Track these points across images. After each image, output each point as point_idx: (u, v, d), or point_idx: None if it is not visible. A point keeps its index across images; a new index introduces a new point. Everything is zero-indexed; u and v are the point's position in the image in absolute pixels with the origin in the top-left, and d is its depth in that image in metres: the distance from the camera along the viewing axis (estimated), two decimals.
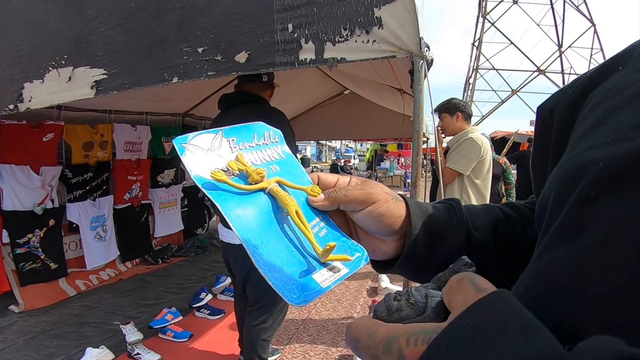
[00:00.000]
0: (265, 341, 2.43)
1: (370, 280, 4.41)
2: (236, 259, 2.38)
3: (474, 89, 24.83)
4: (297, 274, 0.40)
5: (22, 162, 3.62)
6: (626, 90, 0.35)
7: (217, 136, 0.46)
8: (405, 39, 1.42)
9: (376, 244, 0.52)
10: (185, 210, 5.93)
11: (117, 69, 1.71)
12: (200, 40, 1.59)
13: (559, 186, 0.36)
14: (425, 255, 0.52)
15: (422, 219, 0.51)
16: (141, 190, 4.98)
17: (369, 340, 0.30)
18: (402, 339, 0.28)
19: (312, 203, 0.47)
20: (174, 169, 5.48)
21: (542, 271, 0.34)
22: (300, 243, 0.43)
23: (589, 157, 0.33)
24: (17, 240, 3.65)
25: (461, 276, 0.30)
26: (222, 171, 0.43)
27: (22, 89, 1.90)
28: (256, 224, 0.42)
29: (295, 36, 1.50)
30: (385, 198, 0.49)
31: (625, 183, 0.29)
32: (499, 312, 0.24)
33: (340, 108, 6.43)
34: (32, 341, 3.07)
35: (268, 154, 0.50)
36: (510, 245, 0.54)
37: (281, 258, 0.41)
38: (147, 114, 4.96)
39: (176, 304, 3.57)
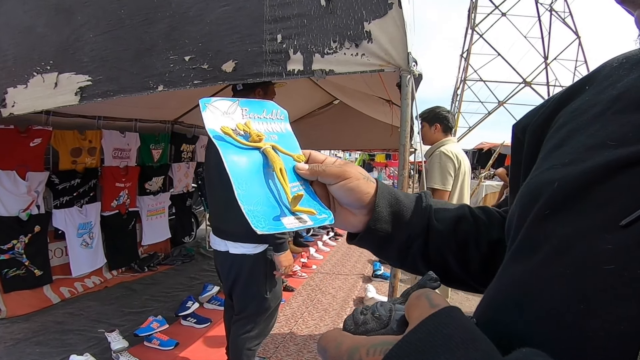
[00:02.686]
0: (250, 350, 2.41)
1: (357, 291, 4.41)
2: (222, 267, 2.37)
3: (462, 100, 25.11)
4: (269, 213, 0.49)
5: (9, 167, 3.56)
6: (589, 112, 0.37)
7: (234, 104, 0.56)
8: (393, 53, 1.43)
9: (348, 216, 0.59)
10: (173, 219, 5.89)
11: (102, 76, 1.70)
12: (187, 49, 1.59)
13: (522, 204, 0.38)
14: (386, 232, 0.58)
15: (389, 200, 0.58)
16: (129, 197, 4.93)
17: (336, 351, 0.33)
18: (362, 350, 0.31)
19: (297, 169, 0.56)
20: (162, 176, 5.43)
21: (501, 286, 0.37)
22: (278, 194, 0.51)
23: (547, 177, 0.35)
24: (1, 246, 3.58)
25: (419, 292, 0.33)
26: (230, 129, 0.53)
27: (5, 94, 1.87)
28: (245, 171, 0.51)
29: (283, 47, 1.51)
30: (357, 176, 0.56)
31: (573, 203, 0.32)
32: (446, 327, 0.27)
33: (329, 118, 6.46)
34: (13, 348, 3.01)
35: (272, 127, 0.59)
36: (469, 241, 0.59)
37: (258, 199, 0.49)
38: (137, 120, 4.93)
39: (162, 312, 3.53)
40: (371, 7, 1.48)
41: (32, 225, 3.81)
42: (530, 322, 0.31)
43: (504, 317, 0.33)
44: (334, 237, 7.06)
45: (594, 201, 0.31)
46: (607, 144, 0.32)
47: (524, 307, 0.32)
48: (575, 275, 0.29)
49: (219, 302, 3.83)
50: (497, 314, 0.35)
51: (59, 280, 4.11)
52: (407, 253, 0.60)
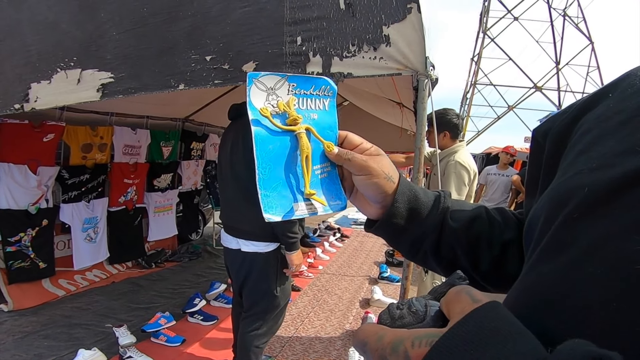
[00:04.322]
0: (258, 348, 2.42)
1: (363, 292, 4.42)
2: (233, 264, 2.38)
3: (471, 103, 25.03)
4: (282, 199, 0.52)
5: (21, 161, 3.60)
6: (613, 118, 0.38)
7: (283, 80, 0.56)
8: (411, 57, 1.44)
9: (365, 204, 0.62)
10: (180, 216, 5.91)
11: (124, 73, 1.73)
12: (209, 49, 1.61)
13: (549, 208, 0.39)
14: (401, 226, 0.60)
15: (408, 197, 0.60)
16: (137, 193, 4.96)
17: (377, 343, 0.34)
18: (407, 342, 0.31)
19: (327, 154, 0.58)
20: (171, 173, 5.46)
21: (528, 285, 0.37)
22: (297, 179, 0.55)
23: (576, 182, 0.36)
24: (8, 238, 3.62)
25: (459, 289, 0.34)
26: (270, 107, 0.54)
27: (29, 89, 1.90)
28: (273, 155, 0.54)
29: (303, 49, 1.53)
30: (379, 175, 0.58)
31: (604, 207, 0.33)
32: (492, 320, 0.28)
33: (339, 120, 6.47)
34: (21, 341, 3.03)
35: (316, 103, 0.60)
36: (482, 241, 0.60)
37: (276, 184, 0.53)
38: (148, 117, 4.96)
39: (169, 308, 3.55)
40: (390, 11, 1.49)
41: (40, 218, 3.85)
42: (560, 321, 0.32)
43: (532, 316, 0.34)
44: (341, 239, 7.07)
45: (625, 205, 0.31)
46: (636, 150, 0.33)
47: (553, 306, 0.33)
48: (606, 275, 0.30)
49: (226, 300, 3.84)
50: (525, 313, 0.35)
51: (59, 273, 4.15)
52: (419, 247, 0.63)
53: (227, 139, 2.32)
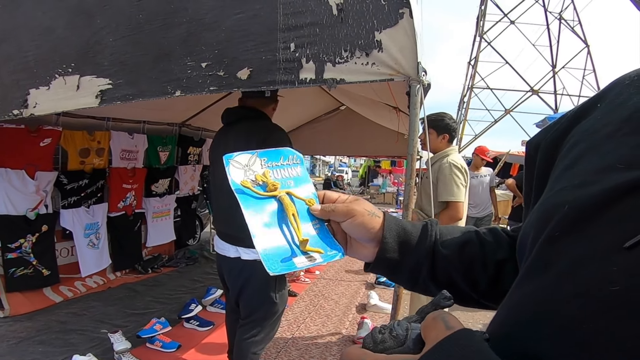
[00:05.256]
0: (255, 354, 2.42)
1: (359, 298, 4.42)
2: (231, 272, 2.36)
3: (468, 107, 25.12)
4: (282, 254, 0.56)
5: (18, 166, 3.61)
6: (601, 131, 0.39)
7: (254, 156, 0.64)
8: (403, 63, 1.46)
9: (361, 248, 0.65)
10: (178, 221, 5.92)
11: (122, 80, 1.74)
12: (204, 55, 1.63)
13: (536, 224, 0.40)
14: (395, 259, 0.63)
15: (396, 232, 0.63)
16: (135, 199, 4.97)
17: None
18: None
19: (312, 211, 0.63)
20: (168, 178, 5.47)
21: (514, 304, 0.39)
22: (291, 236, 0.58)
23: (559, 198, 0.37)
24: (8, 245, 3.61)
25: (436, 314, 0.36)
26: (250, 181, 0.61)
27: (28, 95, 1.91)
28: (262, 218, 0.58)
29: (296, 55, 1.54)
30: (362, 213, 0.62)
31: (583, 225, 0.34)
32: (462, 348, 0.30)
33: (335, 124, 6.50)
34: (16, 347, 3.02)
35: (288, 172, 0.66)
36: (476, 263, 0.62)
37: (273, 242, 0.56)
38: (145, 122, 4.98)
39: (165, 314, 3.55)
40: (382, 17, 1.51)
41: (40, 224, 3.85)
42: (542, 339, 0.33)
43: (516, 334, 0.35)
44: None
45: (603, 223, 0.32)
46: (616, 166, 0.34)
47: (536, 324, 0.34)
48: (585, 295, 0.31)
49: (222, 306, 3.84)
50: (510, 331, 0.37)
51: (62, 280, 4.14)
52: (417, 277, 0.64)
53: (224, 144, 2.30)
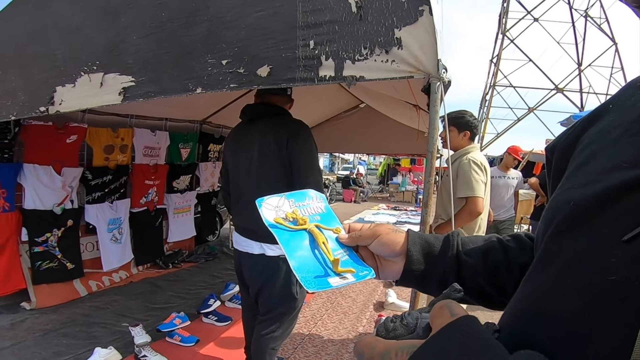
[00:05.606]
0: (273, 350, 2.44)
1: (377, 295, 4.41)
2: (254, 269, 2.36)
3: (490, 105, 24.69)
4: (316, 272, 0.62)
5: (46, 162, 3.71)
6: (612, 133, 0.40)
7: (282, 198, 0.72)
8: (423, 60, 1.45)
9: (391, 266, 0.68)
10: (198, 217, 6.00)
11: (144, 77, 1.78)
12: (225, 53, 1.65)
13: (545, 221, 0.42)
14: (422, 271, 0.67)
15: (420, 245, 0.68)
16: (157, 195, 5.07)
17: (370, 353, 0.40)
18: (392, 352, 0.37)
19: (340, 239, 0.69)
20: (189, 175, 5.56)
21: (522, 296, 0.41)
22: (324, 261, 0.64)
23: (567, 196, 0.39)
24: (35, 238, 3.72)
25: (442, 303, 0.38)
26: (282, 218, 0.68)
27: (54, 92, 1.97)
28: (296, 248, 0.65)
29: (316, 53, 1.54)
30: (387, 232, 0.68)
31: (586, 221, 0.35)
32: (463, 334, 0.33)
33: (355, 121, 6.48)
34: (41, 339, 3.11)
35: (314, 209, 0.74)
36: (500, 268, 0.65)
37: (309, 267, 0.62)
38: (167, 120, 5.07)
39: (184, 309, 3.59)
40: (402, 14, 1.50)
41: (66, 219, 3.96)
42: (546, 329, 0.34)
43: (524, 326, 0.37)
44: None
45: (605, 219, 0.34)
46: (621, 165, 0.35)
47: (540, 316, 0.36)
48: (585, 286, 0.33)
49: (240, 301, 3.87)
50: (519, 323, 0.39)
51: (88, 274, 4.26)
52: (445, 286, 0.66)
53: (249, 141, 2.30)
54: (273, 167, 2.22)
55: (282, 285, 2.32)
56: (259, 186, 2.22)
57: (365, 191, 16.30)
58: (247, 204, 2.31)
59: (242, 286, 2.60)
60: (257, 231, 2.25)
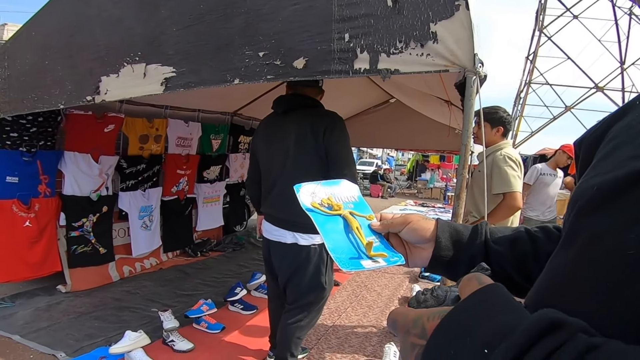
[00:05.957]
0: (299, 339, 2.47)
1: (402, 290, 4.39)
2: (284, 257, 2.39)
3: (525, 103, 23.98)
4: (350, 254, 0.65)
5: (85, 150, 3.85)
6: (636, 127, 0.42)
7: (318, 185, 0.76)
8: (459, 54, 1.44)
9: (421, 252, 0.71)
10: (227, 207, 6.10)
11: (185, 68, 1.84)
12: (262, 45, 1.68)
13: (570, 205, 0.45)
14: (450, 257, 0.69)
15: (449, 232, 0.70)
16: (188, 184, 5.19)
17: (403, 320, 0.44)
18: (424, 317, 0.40)
19: (372, 226, 0.73)
20: (219, 166, 5.66)
21: (548, 271, 0.44)
22: (357, 245, 0.68)
23: (591, 182, 0.41)
24: (72, 223, 3.89)
25: (470, 275, 0.42)
26: (318, 203, 0.72)
27: (99, 82, 2.06)
28: (332, 231, 0.69)
29: (351, 46, 1.56)
30: (417, 219, 0.71)
31: (608, 203, 0.37)
32: (490, 298, 0.36)
33: (385, 116, 6.45)
34: (75, 321, 3.22)
35: (347, 197, 0.78)
36: (527, 257, 0.67)
37: (343, 249, 0.66)
38: (199, 111, 5.17)
39: (211, 296, 3.64)
40: (437, 9, 1.49)
41: (101, 205, 4.10)
42: (569, 303, 0.36)
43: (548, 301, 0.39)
44: None
45: (626, 201, 0.35)
46: None
47: (564, 291, 0.38)
48: (605, 261, 0.35)
49: (266, 291, 3.91)
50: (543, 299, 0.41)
51: (121, 259, 4.42)
52: None
53: (285, 131, 2.32)
54: (309, 158, 2.25)
55: (311, 275, 2.35)
56: (295, 176, 2.21)
57: (392, 187, 16.18)
58: (281, 193, 2.33)
59: (269, 275, 2.63)
60: (290, 220, 2.28)
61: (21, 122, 3.39)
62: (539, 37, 23.27)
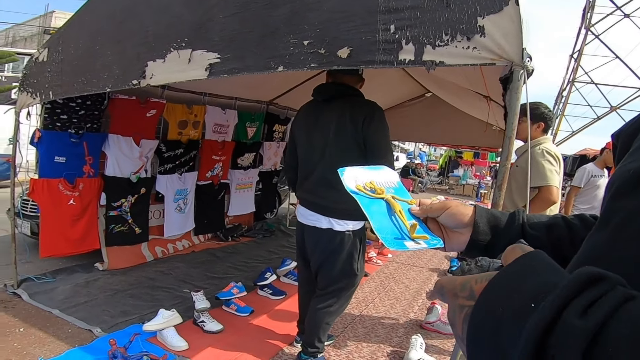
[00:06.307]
0: (327, 325, 2.51)
1: (430, 284, 4.36)
2: (318, 242, 2.42)
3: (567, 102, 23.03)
4: (394, 234, 0.69)
5: (127, 133, 4.02)
6: None
7: (361, 170, 0.80)
8: (507, 48, 1.41)
9: (458, 237, 0.74)
10: (259, 194, 6.20)
11: (229, 55, 1.88)
12: (306, 34, 1.70)
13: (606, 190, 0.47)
14: (487, 242, 0.72)
15: (486, 217, 0.73)
16: (222, 170, 5.31)
17: (451, 285, 0.46)
18: (472, 281, 0.43)
19: (412, 211, 0.76)
20: (253, 153, 5.76)
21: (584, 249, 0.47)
22: (400, 227, 0.71)
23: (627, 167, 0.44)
24: (112, 203, 4.07)
25: (514, 245, 0.44)
26: (362, 186, 0.76)
27: (146, 67, 2.14)
28: (376, 212, 0.72)
29: (396, 37, 1.55)
30: (457, 204, 0.74)
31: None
32: (534, 261, 0.38)
33: (419, 110, 6.37)
34: (111, 298, 3.38)
35: (388, 183, 0.81)
36: (563, 242, 0.69)
37: (387, 230, 0.70)
38: (236, 99, 5.26)
39: (241, 280, 3.70)
40: (486, 3, 1.46)
41: (140, 187, 4.27)
42: None
43: None
44: None
45: None
46: None
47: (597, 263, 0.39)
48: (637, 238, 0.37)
49: (295, 277, 3.97)
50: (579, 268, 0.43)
51: (154, 240, 4.59)
52: None
53: (326, 119, 2.35)
54: (348, 146, 2.27)
55: (344, 261, 2.38)
56: (333, 164, 2.27)
57: (424, 181, 15.98)
58: (319, 179, 2.37)
59: (301, 260, 2.67)
60: (326, 206, 2.32)
61: (71, 105, 3.56)
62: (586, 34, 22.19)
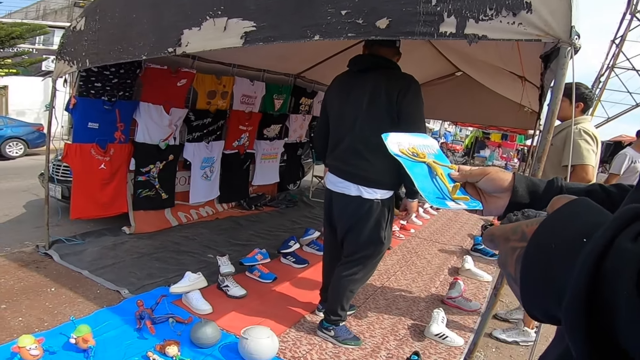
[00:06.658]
0: (351, 292, 2.53)
1: (453, 261, 4.35)
2: (346, 208, 2.43)
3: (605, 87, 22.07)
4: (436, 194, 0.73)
5: (158, 102, 4.09)
6: None
7: (404, 135, 0.83)
8: (554, 25, 1.37)
9: (496, 201, 0.77)
10: (283, 165, 6.26)
11: (265, 23, 1.87)
12: (344, 4, 1.67)
13: None
14: (526, 205, 0.73)
15: (525, 183, 0.75)
16: (248, 140, 5.37)
17: (502, 231, 0.47)
18: (523, 224, 0.44)
19: (452, 175, 0.78)
20: (279, 125, 5.79)
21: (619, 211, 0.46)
22: (441, 189, 0.75)
23: None
24: (140, 169, 4.19)
25: (560, 195, 0.45)
26: (405, 150, 0.79)
27: (181, 35, 2.15)
28: (419, 174, 0.76)
29: (438, 9, 1.51)
30: (496, 170, 0.77)
31: None
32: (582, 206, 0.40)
33: (449, 89, 6.23)
34: (137, 260, 3.49)
35: (428, 149, 0.84)
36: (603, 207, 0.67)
37: (430, 190, 0.73)
38: (264, 71, 5.26)
39: (264, 247, 3.79)
40: None
41: (168, 153, 4.37)
42: None
43: None
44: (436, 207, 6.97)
45: None
46: None
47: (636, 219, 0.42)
48: None
49: (318, 247, 4.04)
50: None
51: (178, 206, 4.71)
52: None
53: (361, 89, 2.33)
54: (381, 117, 2.26)
55: (372, 228, 2.39)
56: (365, 133, 2.27)
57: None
58: (349, 148, 2.36)
59: (328, 227, 2.68)
60: (357, 174, 2.33)
61: (105, 74, 3.63)
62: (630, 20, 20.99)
